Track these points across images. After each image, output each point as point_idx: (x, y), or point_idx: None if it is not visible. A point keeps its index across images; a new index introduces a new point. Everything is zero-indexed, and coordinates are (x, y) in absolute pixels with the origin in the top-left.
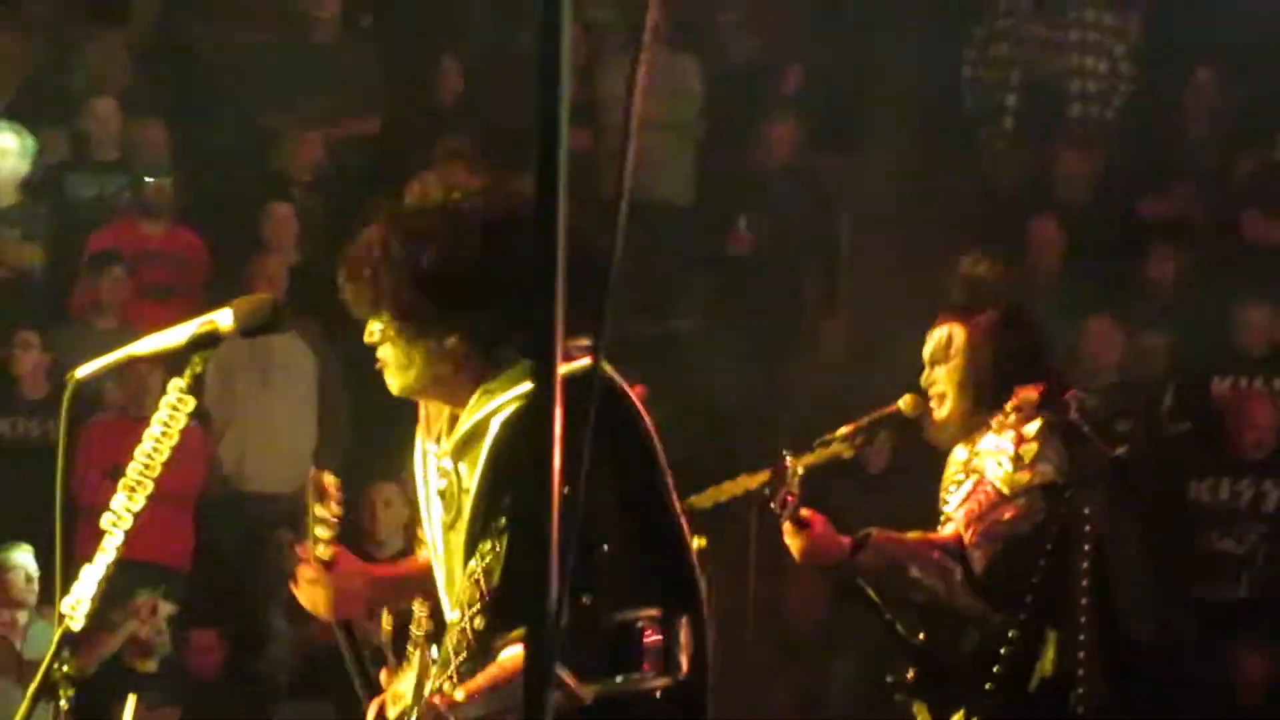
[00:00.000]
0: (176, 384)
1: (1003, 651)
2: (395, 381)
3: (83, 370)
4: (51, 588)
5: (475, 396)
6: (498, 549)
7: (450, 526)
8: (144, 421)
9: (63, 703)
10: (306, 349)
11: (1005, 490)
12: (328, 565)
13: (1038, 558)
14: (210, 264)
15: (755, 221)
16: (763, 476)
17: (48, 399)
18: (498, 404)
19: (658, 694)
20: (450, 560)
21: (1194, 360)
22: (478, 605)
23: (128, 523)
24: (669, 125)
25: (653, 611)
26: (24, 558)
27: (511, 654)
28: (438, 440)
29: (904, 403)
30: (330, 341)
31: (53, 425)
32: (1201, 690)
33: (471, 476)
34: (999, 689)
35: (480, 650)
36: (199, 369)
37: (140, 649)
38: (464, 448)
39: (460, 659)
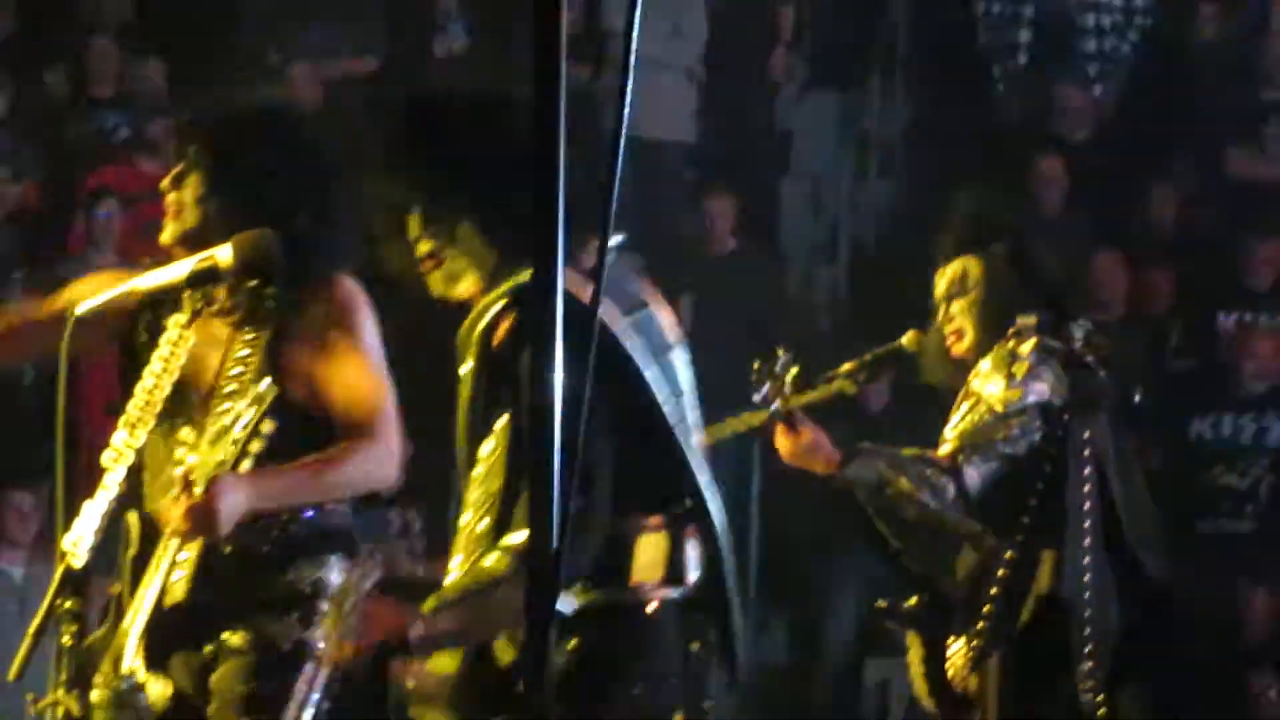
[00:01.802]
0: (177, 319)
1: (1000, 573)
2: (462, 285)
3: (81, 306)
4: (53, 524)
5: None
6: (498, 449)
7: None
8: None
9: (65, 639)
10: None
11: (999, 409)
12: None
13: (1034, 479)
14: None
15: (756, 162)
16: (761, 415)
17: None
18: (483, 305)
19: (651, 605)
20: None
21: (1199, 296)
22: (485, 508)
23: (129, 459)
24: (670, 63)
25: (655, 520)
26: (25, 496)
27: (492, 563)
28: None
29: (907, 339)
30: None
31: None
32: (1207, 624)
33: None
34: (995, 611)
35: (482, 553)
36: (199, 305)
37: None
38: (464, 340)
39: (468, 563)
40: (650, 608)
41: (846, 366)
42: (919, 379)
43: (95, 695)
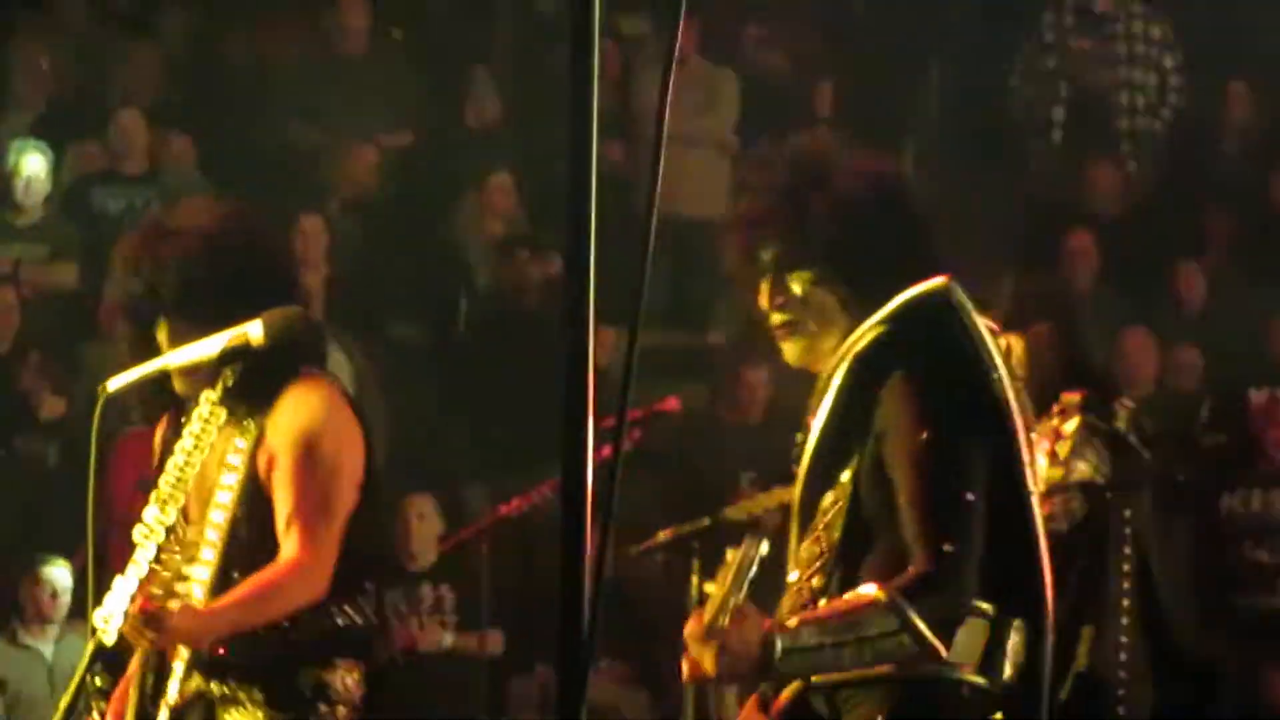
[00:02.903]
0: (208, 396)
1: None
2: (816, 349)
3: (114, 383)
4: (85, 600)
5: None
6: (840, 503)
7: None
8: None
9: (94, 715)
10: (343, 360)
11: (1041, 487)
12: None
13: (1075, 557)
14: None
15: None
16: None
17: (62, 418)
18: (848, 343)
19: (965, 689)
20: (797, 490)
21: (1230, 372)
22: (816, 565)
23: (160, 535)
24: (703, 139)
25: (984, 605)
26: (57, 572)
27: (861, 592)
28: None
29: None
30: (366, 354)
31: (58, 445)
32: (1238, 702)
33: (814, 430)
34: None
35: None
36: (230, 381)
37: None
38: (814, 404)
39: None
40: (965, 690)
41: None
42: None
43: None
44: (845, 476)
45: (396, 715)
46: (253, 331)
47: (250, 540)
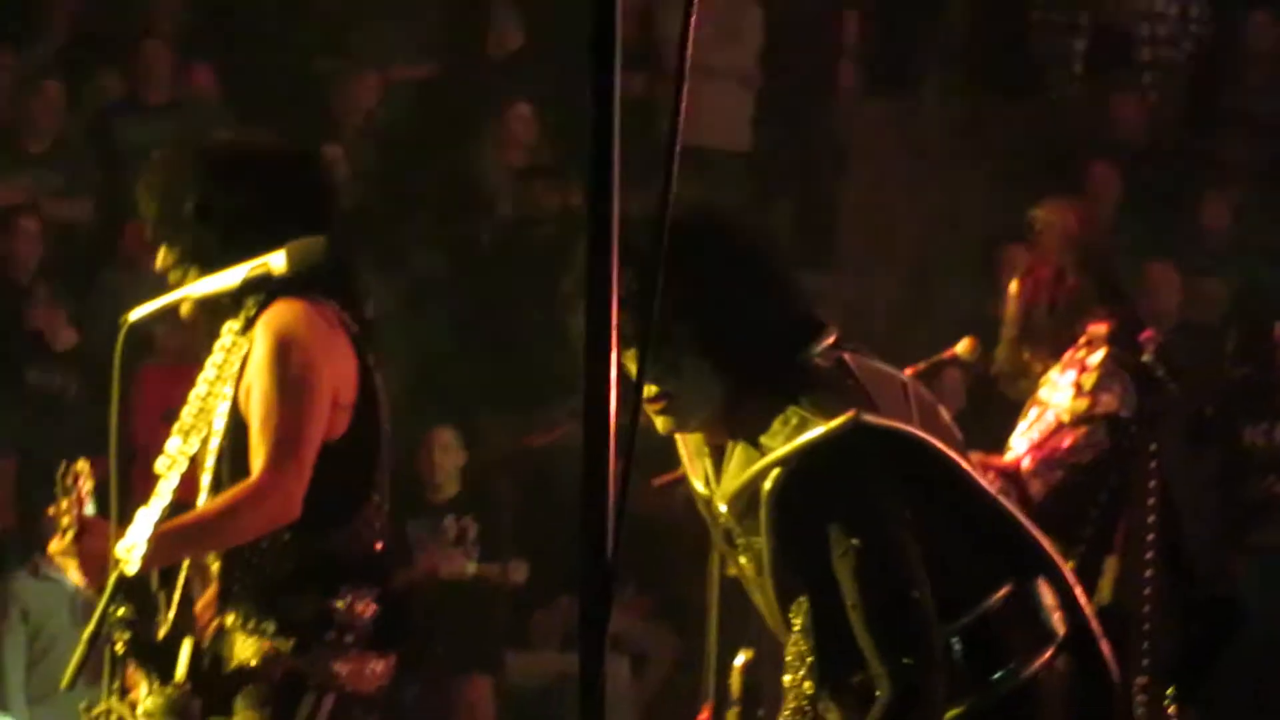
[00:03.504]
0: (231, 326)
1: None
2: (692, 419)
3: (136, 313)
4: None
5: (739, 444)
6: (804, 611)
7: (757, 572)
8: (197, 365)
9: (118, 647)
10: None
11: (1065, 418)
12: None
13: (1099, 490)
14: None
15: (809, 168)
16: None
17: (74, 350)
18: (764, 464)
19: (1041, 673)
20: (766, 600)
21: (1255, 304)
22: (804, 668)
23: (182, 466)
24: (726, 71)
25: (1003, 591)
26: None
27: None
28: (704, 480)
29: (962, 347)
30: (385, 285)
31: (74, 378)
32: (1259, 636)
33: (758, 537)
34: None
35: (814, 715)
36: (252, 311)
37: None
38: (742, 509)
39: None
40: (1037, 682)
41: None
42: (990, 386)
43: (147, 703)
44: (804, 596)
45: (415, 645)
46: (274, 261)
47: (233, 473)
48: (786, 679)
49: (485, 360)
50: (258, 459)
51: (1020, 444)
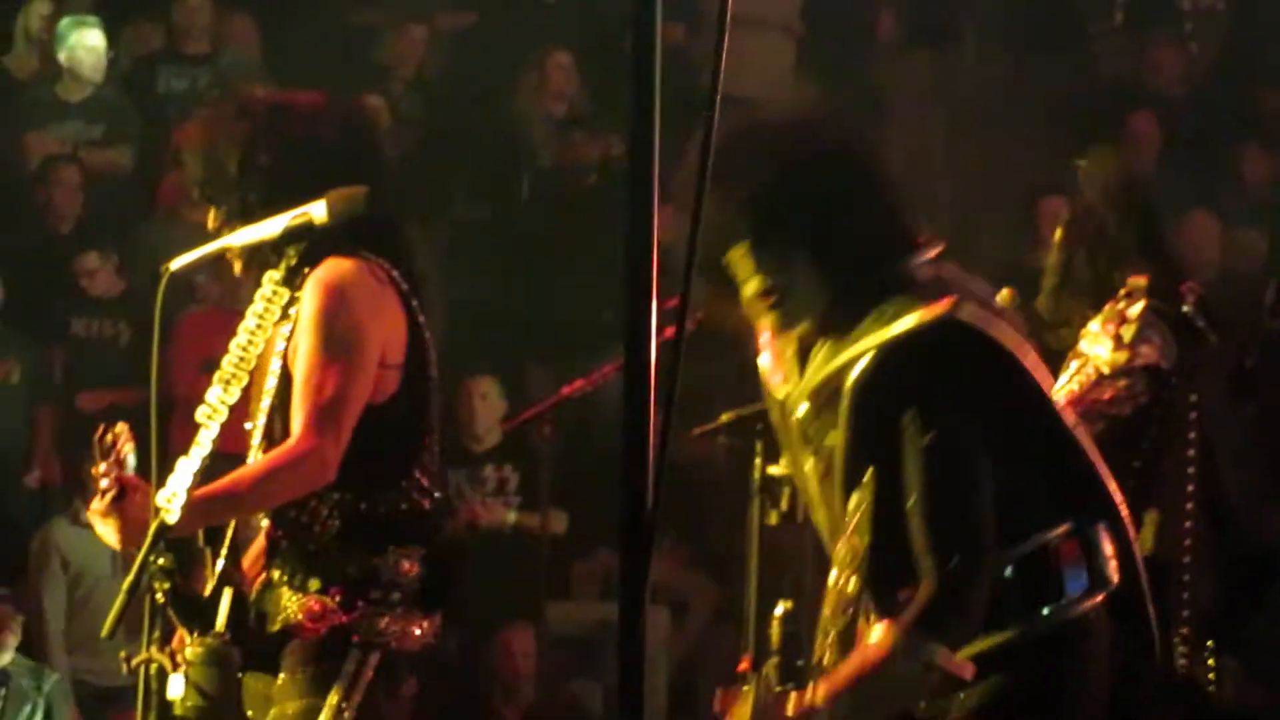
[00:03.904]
0: (272, 276)
1: None
2: (797, 317)
3: (177, 262)
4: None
5: (827, 342)
6: (864, 504)
7: (824, 475)
8: (238, 314)
9: (158, 596)
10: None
11: (1105, 370)
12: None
13: (1139, 442)
14: None
15: (849, 118)
16: None
17: (120, 298)
18: (853, 353)
19: (1090, 615)
20: (830, 509)
21: None
22: (851, 566)
23: (222, 416)
24: (768, 21)
25: (1062, 528)
26: None
27: (877, 640)
28: (785, 379)
29: (1000, 298)
30: (427, 235)
31: (124, 325)
32: None
33: (835, 432)
34: None
35: (853, 616)
36: (293, 261)
37: None
38: (822, 403)
39: (837, 627)
40: (1091, 616)
41: None
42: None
43: (188, 653)
44: (866, 478)
45: (457, 599)
46: (316, 211)
47: (284, 433)
48: (832, 578)
49: (526, 310)
50: (297, 419)
51: (1060, 397)
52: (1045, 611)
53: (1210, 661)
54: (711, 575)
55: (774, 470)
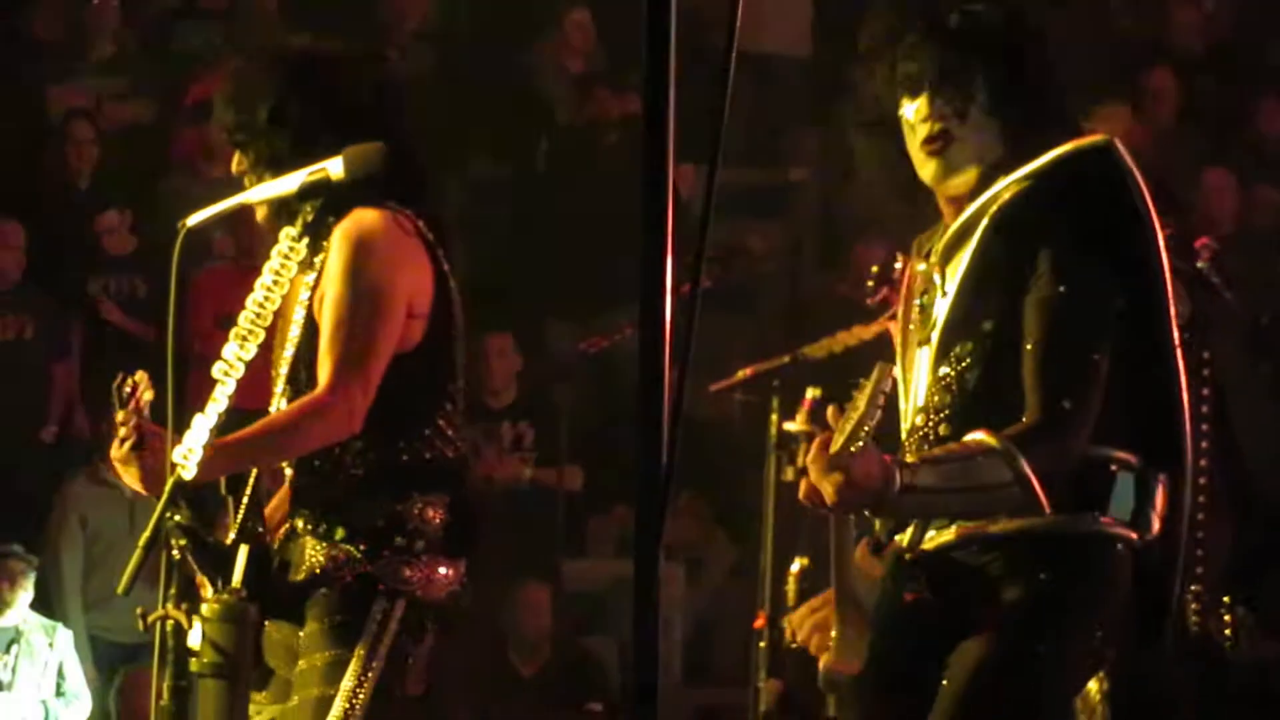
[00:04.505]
0: (288, 232)
1: None
2: (960, 169)
3: (194, 218)
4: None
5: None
6: (979, 352)
7: (922, 341)
8: (255, 270)
9: (175, 552)
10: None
11: None
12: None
13: None
14: None
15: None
16: (878, 326)
17: (134, 255)
18: (992, 194)
19: (1118, 544)
20: (913, 373)
21: None
22: (946, 411)
23: (239, 371)
24: None
25: (1129, 457)
26: None
27: (975, 438)
28: (925, 254)
29: None
30: (439, 193)
31: (140, 281)
32: None
33: (953, 278)
34: None
35: None
36: (310, 216)
37: None
38: (952, 251)
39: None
40: (1118, 545)
41: None
42: None
43: (204, 609)
44: (988, 326)
45: (477, 550)
46: (333, 167)
47: (309, 382)
48: (919, 420)
49: (545, 267)
50: (324, 369)
51: None
52: (1079, 514)
53: (1226, 618)
54: (727, 532)
55: (790, 426)
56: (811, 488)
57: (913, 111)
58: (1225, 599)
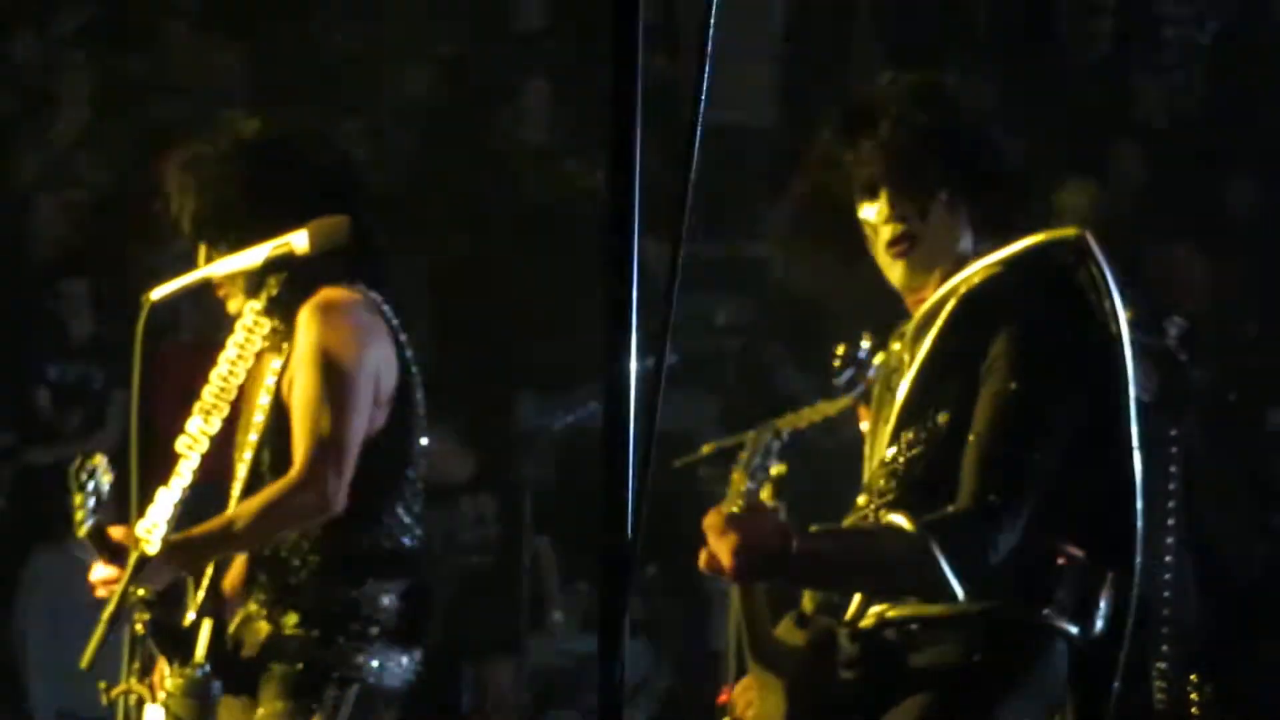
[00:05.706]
0: (252, 306)
1: None
2: (928, 265)
3: (158, 292)
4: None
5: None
6: (929, 443)
7: (886, 421)
8: (219, 345)
9: (138, 626)
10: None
11: None
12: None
13: None
14: None
15: None
16: (843, 402)
17: (95, 337)
18: (963, 276)
19: (1058, 638)
20: (874, 453)
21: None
22: (888, 496)
23: (203, 446)
24: (748, 47)
25: (1077, 552)
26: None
27: (888, 519)
28: (899, 334)
29: None
30: (407, 268)
31: (96, 369)
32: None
33: (917, 361)
34: None
35: None
36: (274, 291)
37: None
38: (921, 332)
39: None
40: (1057, 640)
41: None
42: None
43: (168, 684)
44: (942, 418)
45: (434, 631)
46: (297, 241)
47: (272, 466)
48: (861, 500)
49: (508, 341)
50: (299, 453)
51: None
52: (1019, 602)
53: (1194, 696)
54: (690, 605)
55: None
56: (710, 555)
57: (874, 213)
58: (1193, 677)
